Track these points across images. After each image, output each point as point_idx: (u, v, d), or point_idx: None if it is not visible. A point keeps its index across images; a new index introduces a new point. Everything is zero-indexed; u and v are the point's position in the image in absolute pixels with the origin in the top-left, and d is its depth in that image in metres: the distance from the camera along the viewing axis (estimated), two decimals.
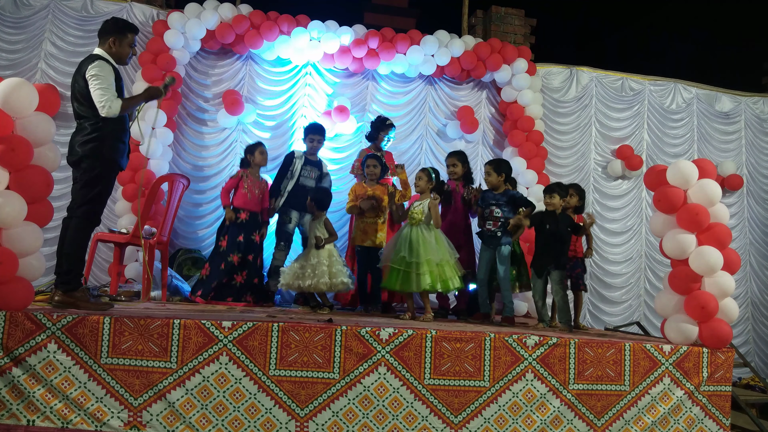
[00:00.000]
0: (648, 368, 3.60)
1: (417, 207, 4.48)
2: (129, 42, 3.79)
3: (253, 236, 5.15)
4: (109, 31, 3.71)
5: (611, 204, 7.24)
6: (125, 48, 3.77)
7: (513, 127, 6.75)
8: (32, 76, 6.00)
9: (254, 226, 5.17)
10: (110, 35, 3.70)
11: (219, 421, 3.10)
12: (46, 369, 3.02)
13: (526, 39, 7.41)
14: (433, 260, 4.29)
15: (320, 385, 3.21)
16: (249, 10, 6.27)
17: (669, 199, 3.85)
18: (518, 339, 3.45)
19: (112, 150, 3.59)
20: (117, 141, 3.63)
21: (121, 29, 3.75)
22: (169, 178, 5.13)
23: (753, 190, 7.65)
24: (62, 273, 3.50)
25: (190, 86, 6.46)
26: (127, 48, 3.78)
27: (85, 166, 3.53)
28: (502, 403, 3.37)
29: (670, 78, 7.57)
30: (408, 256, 4.27)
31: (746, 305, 7.45)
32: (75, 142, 3.55)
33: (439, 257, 4.33)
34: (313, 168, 5.38)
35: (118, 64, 3.76)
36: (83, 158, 3.52)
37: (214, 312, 3.97)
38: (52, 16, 6.16)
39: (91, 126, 3.53)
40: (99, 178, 3.55)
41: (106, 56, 3.66)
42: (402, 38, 6.48)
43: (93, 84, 3.48)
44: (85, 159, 3.52)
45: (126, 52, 3.78)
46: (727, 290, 3.76)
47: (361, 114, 6.74)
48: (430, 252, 4.30)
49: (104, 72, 3.52)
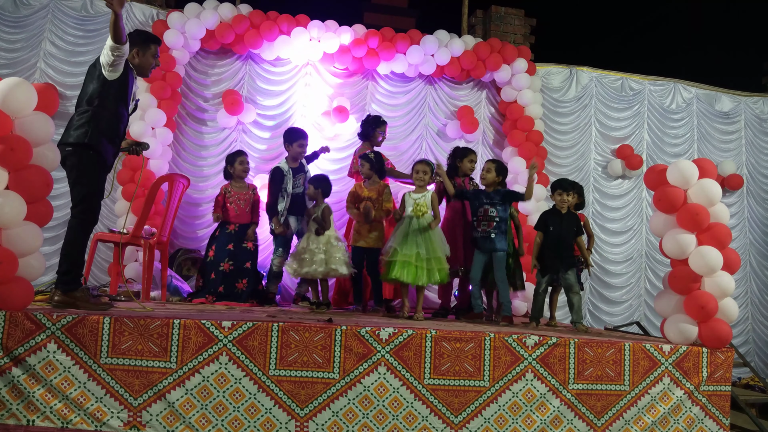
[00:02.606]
0: (648, 368, 3.60)
1: (420, 200, 4.48)
2: (152, 53, 3.74)
3: (244, 244, 5.12)
4: (132, 42, 3.63)
5: (611, 204, 7.24)
6: (149, 59, 3.72)
7: (513, 127, 6.75)
8: (31, 76, 6.00)
9: (245, 235, 5.15)
10: (133, 46, 3.64)
11: (219, 421, 3.10)
12: (46, 369, 3.02)
13: (526, 39, 7.41)
14: (441, 256, 4.34)
15: (320, 385, 3.20)
16: (249, 10, 6.26)
17: (669, 198, 3.84)
18: (518, 339, 3.45)
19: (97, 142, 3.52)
20: (102, 135, 3.55)
21: (144, 40, 3.71)
22: (169, 178, 5.13)
23: (753, 190, 7.65)
24: (61, 273, 3.49)
25: (190, 86, 6.46)
26: (151, 59, 3.74)
27: (70, 163, 3.53)
28: (502, 403, 3.37)
29: (670, 78, 7.58)
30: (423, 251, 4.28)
31: (746, 305, 7.45)
32: (64, 137, 3.56)
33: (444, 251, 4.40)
34: (300, 174, 5.31)
35: (140, 75, 3.73)
36: (67, 155, 3.51)
37: (214, 312, 3.96)
38: (51, 16, 6.16)
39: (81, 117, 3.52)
40: (84, 173, 3.52)
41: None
42: (402, 38, 6.48)
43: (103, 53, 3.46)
44: (69, 156, 3.51)
45: (149, 63, 3.74)
46: (726, 290, 3.76)
47: (360, 114, 6.72)
48: (438, 248, 4.34)
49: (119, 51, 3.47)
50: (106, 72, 3.51)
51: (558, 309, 4.93)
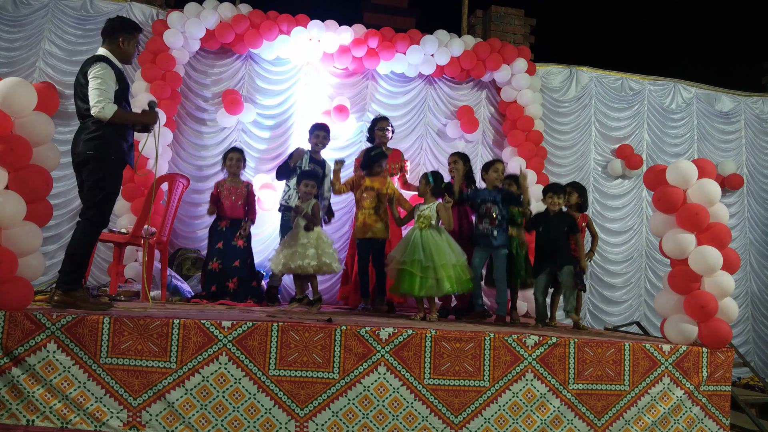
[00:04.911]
0: (648, 368, 3.59)
1: (425, 211, 4.46)
2: (136, 41, 3.83)
3: (235, 242, 5.12)
4: (118, 30, 3.71)
5: (611, 203, 7.24)
6: (132, 47, 3.80)
7: (512, 127, 6.75)
8: (30, 75, 6.00)
9: (236, 232, 5.15)
10: (120, 34, 3.71)
11: (218, 421, 3.09)
12: (46, 369, 3.01)
13: (526, 39, 7.41)
14: (448, 264, 4.27)
15: (320, 385, 3.20)
16: (248, 10, 6.26)
17: (668, 198, 3.84)
18: (518, 339, 3.44)
19: (117, 149, 3.58)
20: (121, 139, 3.61)
21: (130, 29, 3.78)
22: (168, 177, 5.13)
23: (753, 190, 7.65)
24: (64, 273, 3.49)
25: (190, 86, 6.46)
26: (134, 48, 3.82)
27: (91, 167, 3.52)
28: (502, 403, 3.37)
29: (670, 78, 7.58)
30: (424, 260, 4.23)
31: (746, 305, 7.45)
32: (79, 140, 3.55)
33: (454, 259, 4.31)
34: (317, 167, 5.36)
35: (123, 63, 3.77)
36: (89, 159, 3.51)
37: (214, 312, 3.96)
38: (51, 15, 6.16)
39: (94, 125, 3.52)
40: (105, 179, 3.55)
41: (111, 57, 3.66)
42: (402, 38, 6.48)
43: (92, 84, 3.48)
44: (91, 160, 3.51)
45: (133, 51, 3.82)
46: (726, 290, 3.76)
47: (360, 114, 6.74)
48: (444, 256, 4.27)
49: (106, 75, 3.52)
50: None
51: (558, 309, 4.92)
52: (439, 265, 4.23)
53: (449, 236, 4.46)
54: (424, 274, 4.22)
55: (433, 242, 4.30)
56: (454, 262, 4.30)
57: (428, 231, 4.36)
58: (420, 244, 4.28)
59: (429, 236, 4.33)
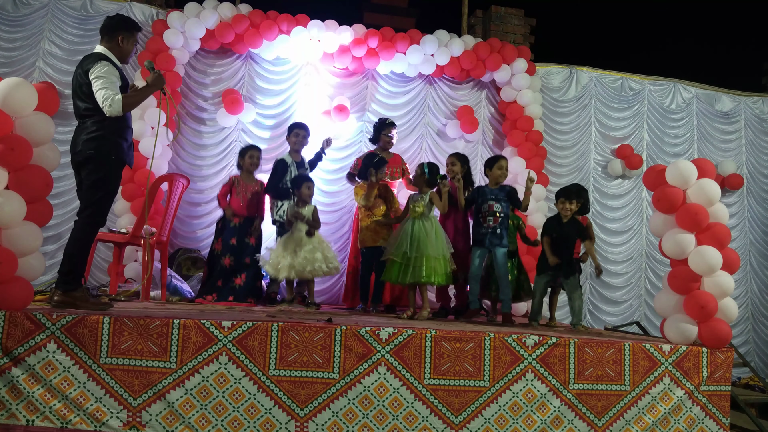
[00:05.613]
0: (648, 368, 3.59)
1: (419, 200, 4.50)
2: (135, 40, 3.82)
3: (247, 239, 5.17)
4: (118, 29, 3.70)
5: (611, 203, 7.24)
6: (131, 46, 3.79)
7: (512, 127, 6.75)
8: (30, 75, 6.00)
9: (248, 229, 5.20)
10: (119, 32, 3.70)
11: (218, 421, 3.09)
12: (46, 369, 3.01)
13: (526, 39, 7.41)
14: (431, 255, 4.34)
15: (320, 385, 3.20)
16: (248, 10, 6.26)
17: (668, 198, 3.84)
18: (518, 339, 3.44)
19: (116, 148, 3.57)
20: (120, 138, 3.61)
21: (130, 27, 3.77)
22: (168, 177, 5.13)
23: (753, 190, 7.65)
24: (63, 272, 3.49)
25: (190, 86, 6.45)
26: (132, 46, 3.82)
27: (90, 167, 3.52)
28: (503, 403, 3.37)
29: (670, 78, 7.58)
30: (409, 250, 4.34)
31: (746, 305, 7.45)
32: (78, 140, 3.54)
33: (437, 252, 4.38)
34: (301, 169, 5.46)
35: (121, 62, 3.76)
36: (89, 159, 3.50)
37: (214, 312, 3.96)
38: (51, 15, 6.16)
39: (93, 124, 3.51)
40: (105, 179, 3.54)
41: (110, 55, 3.65)
42: (402, 38, 6.48)
43: (96, 84, 3.47)
44: (91, 160, 3.50)
45: (131, 50, 3.82)
46: (726, 290, 3.76)
47: (360, 113, 6.73)
48: (429, 246, 4.35)
49: (109, 73, 3.51)
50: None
51: (558, 309, 4.93)
52: (422, 255, 4.32)
53: (440, 228, 4.51)
54: (407, 263, 4.32)
55: (423, 233, 4.38)
56: (437, 254, 4.36)
57: (420, 221, 4.43)
58: (409, 235, 4.38)
59: (420, 226, 4.41)
